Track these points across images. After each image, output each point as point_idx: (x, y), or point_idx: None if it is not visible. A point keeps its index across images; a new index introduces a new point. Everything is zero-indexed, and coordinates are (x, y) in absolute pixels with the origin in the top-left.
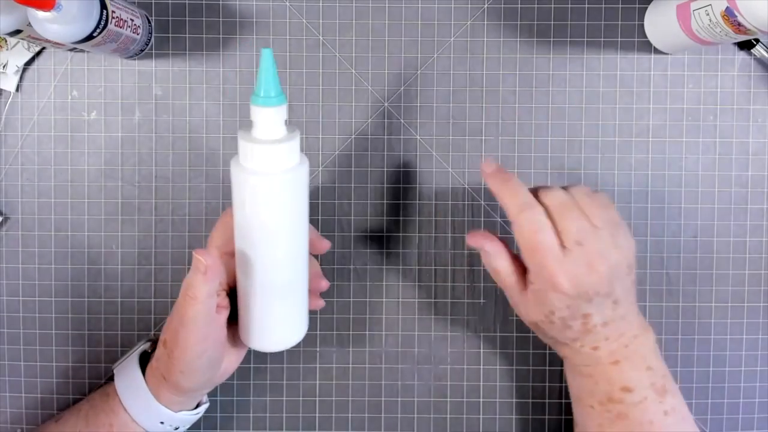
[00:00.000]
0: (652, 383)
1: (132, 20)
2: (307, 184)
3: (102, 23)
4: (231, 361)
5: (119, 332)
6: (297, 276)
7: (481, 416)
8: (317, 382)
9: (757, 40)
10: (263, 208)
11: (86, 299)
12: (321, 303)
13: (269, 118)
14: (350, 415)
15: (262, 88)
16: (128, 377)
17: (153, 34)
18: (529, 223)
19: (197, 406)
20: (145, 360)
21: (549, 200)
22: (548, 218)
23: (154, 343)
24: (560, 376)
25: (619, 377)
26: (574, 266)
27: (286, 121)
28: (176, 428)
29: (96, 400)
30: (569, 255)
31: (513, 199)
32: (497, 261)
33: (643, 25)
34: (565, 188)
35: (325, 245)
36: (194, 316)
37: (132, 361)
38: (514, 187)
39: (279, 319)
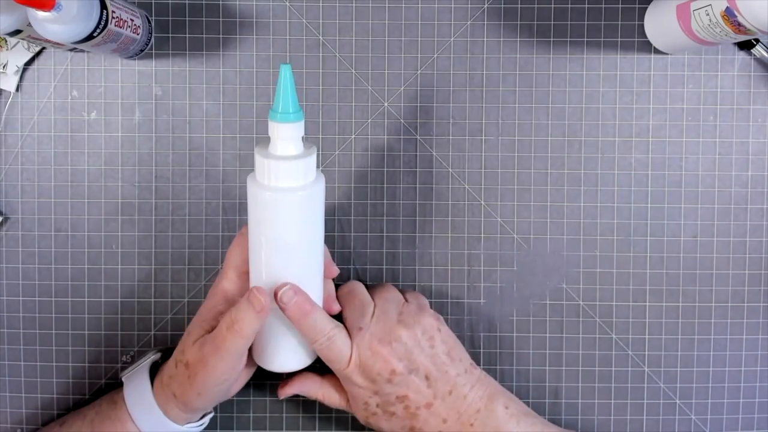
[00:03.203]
0: None
1: (132, 20)
2: (323, 201)
3: (102, 23)
4: (241, 380)
5: (119, 332)
6: (312, 294)
7: None
8: None
9: (757, 40)
10: (280, 225)
11: (86, 299)
12: None
13: (287, 134)
14: (350, 415)
15: (280, 104)
16: (137, 389)
17: (153, 34)
18: (321, 348)
19: (202, 416)
20: (153, 369)
21: (339, 290)
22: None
23: (164, 353)
24: (560, 376)
25: None
26: (357, 354)
27: (303, 137)
28: None
29: (103, 407)
30: (354, 344)
31: (309, 333)
32: (315, 393)
33: (643, 25)
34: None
35: (334, 271)
36: (234, 350)
37: (142, 371)
38: (311, 320)
39: (294, 339)
